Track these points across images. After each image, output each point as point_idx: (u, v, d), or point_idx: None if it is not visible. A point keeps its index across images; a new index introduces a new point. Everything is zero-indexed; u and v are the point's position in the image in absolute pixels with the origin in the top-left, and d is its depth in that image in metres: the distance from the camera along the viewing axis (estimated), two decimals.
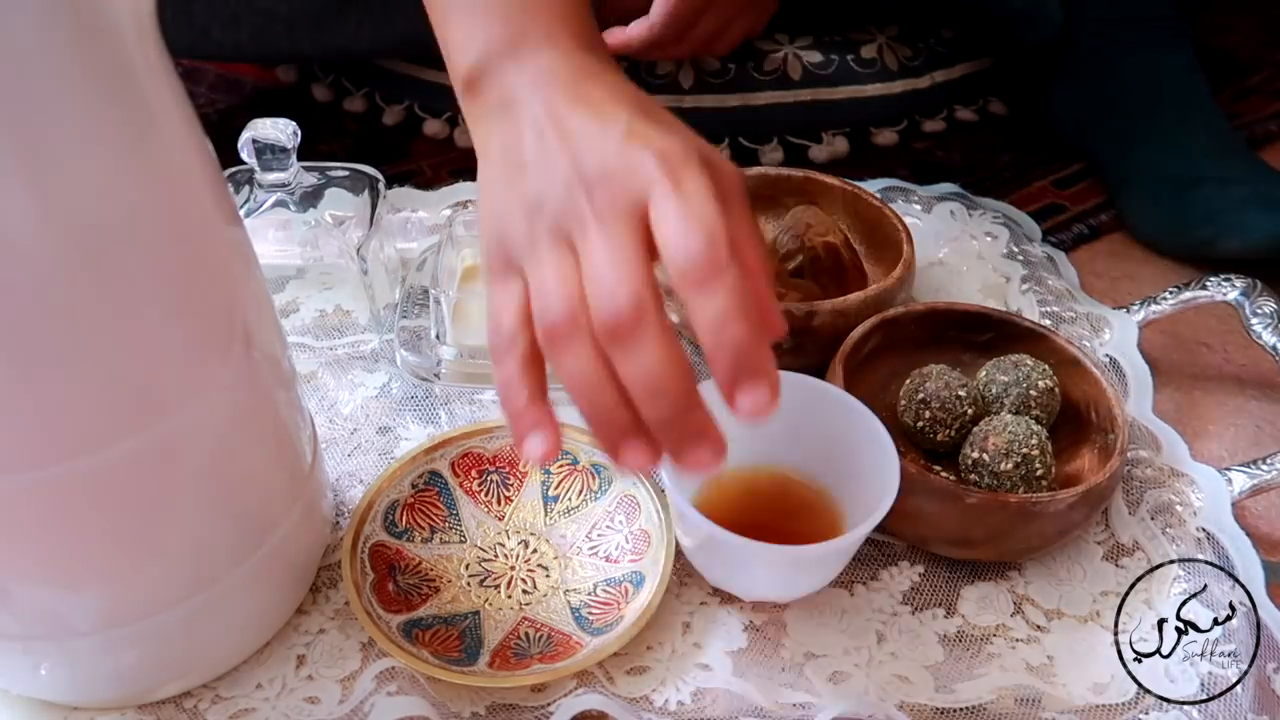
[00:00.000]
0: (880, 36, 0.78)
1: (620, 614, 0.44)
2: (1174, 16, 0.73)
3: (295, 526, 0.42)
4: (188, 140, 0.34)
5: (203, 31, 0.68)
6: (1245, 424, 0.58)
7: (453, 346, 0.55)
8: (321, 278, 0.62)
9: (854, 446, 0.46)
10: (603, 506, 0.49)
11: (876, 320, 0.53)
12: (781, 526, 0.47)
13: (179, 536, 0.37)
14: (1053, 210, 0.73)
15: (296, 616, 0.45)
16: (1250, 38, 0.95)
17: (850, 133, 0.78)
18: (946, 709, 0.43)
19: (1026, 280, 0.63)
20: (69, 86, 0.28)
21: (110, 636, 0.38)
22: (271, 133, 0.54)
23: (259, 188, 0.56)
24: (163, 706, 0.42)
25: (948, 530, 0.46)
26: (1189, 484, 0.51)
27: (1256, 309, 0.56)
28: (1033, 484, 0.47)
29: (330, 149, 0.77)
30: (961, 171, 0.76)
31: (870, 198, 0.61)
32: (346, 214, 0.57)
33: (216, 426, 0.36)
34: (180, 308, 0.34)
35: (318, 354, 0.59)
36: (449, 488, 0.50)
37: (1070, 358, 0.52)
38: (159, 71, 0.32)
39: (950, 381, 0.50)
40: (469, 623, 0.45)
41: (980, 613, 0.46)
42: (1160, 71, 0.72)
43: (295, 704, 0.42)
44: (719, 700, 0.43)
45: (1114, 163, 0.73)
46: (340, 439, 0.54)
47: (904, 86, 0.78)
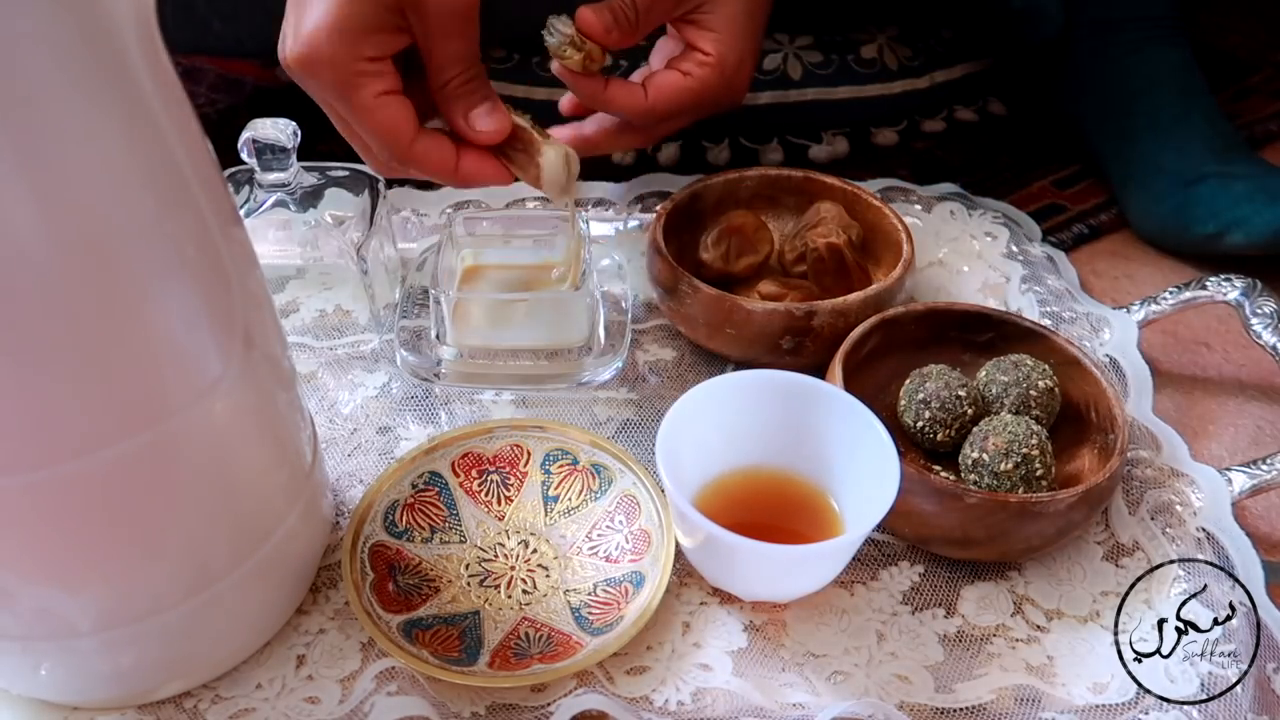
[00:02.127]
0: (880, 36, 0.78)
1: (620, 614, 0.44)
2: (1173, 16, 0.73)
3: (295, 526, 0.42)
4: (188, 140, 0.34)
5: (204, 26, 0.68)
6: (1245, 424, 0.58)
7: (453, 346, 0.55)
8: (321, 278, 0.62)
9: (854, 446, 0.46)
10: (603, 506, 0.49)
11: (876, 320, 0.53)
12: (781, 526, 0.47)
13: (179, 536, 0.37)
14: (1053, 210, 0.73)
15: (296, 616, 0.45)
16: (1250, 38, 0.95)
17: (850, 133, 0.78)
18: (946, 709, 0.43)
19: (1026, 280, 0.63)
20: (69, 86, 0.28)
21: (110, 637, 0.38)
22: (271, 133, 0.54)
23: (259, 188, 0.56)
24: (163, 706, 0.42)
25: (948, 530, 0.46)
26: (1189, 484, 0.51)
27: (1256, 309, 0.56)
28: (1033, 484, 0.47)
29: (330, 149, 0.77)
30: (961, 171, 0.76)
31: (870, 198, 0.61)
32: (346, 214, 0.57)
33: (216, 426, 0.36)
34: (180, 308, 0.34)
35: (318, 354, 0.59)
36: (449, 488, 0.50)
37: (1070, 358, 0.52)
38: (159, 71, 0.32)
39: (950, 381, 0.50)
40: (469, 623, 0.45)
41: (980, 613, 0.46)
42: (1160, 70, 0.72)
43: (295, 704, 0.42)
44: (719, 700, 0.43)
45: (1116, 161, 0.73)
46: (340, 439, 0.54)
47: (904, 86, 0.78)
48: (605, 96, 0.55)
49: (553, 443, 0.51)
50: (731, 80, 0.55)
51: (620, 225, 0.66)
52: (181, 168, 0.33)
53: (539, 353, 0.55)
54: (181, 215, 0.33)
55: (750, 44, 0.56)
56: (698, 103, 0.55)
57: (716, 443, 0.48)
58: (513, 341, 0.55)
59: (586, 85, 0.54)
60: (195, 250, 0.34)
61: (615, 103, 0.55)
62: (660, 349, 0.59)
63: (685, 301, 0.55)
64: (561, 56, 0.53)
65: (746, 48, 0.56)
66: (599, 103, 0.55)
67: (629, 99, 0.55)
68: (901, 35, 0.79)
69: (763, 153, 0.76)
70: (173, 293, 0.33)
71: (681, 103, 0.55)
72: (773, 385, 0.47)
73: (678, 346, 0.59)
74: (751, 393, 0.47)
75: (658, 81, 0.55)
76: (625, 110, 0.55)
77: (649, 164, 0.75)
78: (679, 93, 0.55)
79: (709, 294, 0.54)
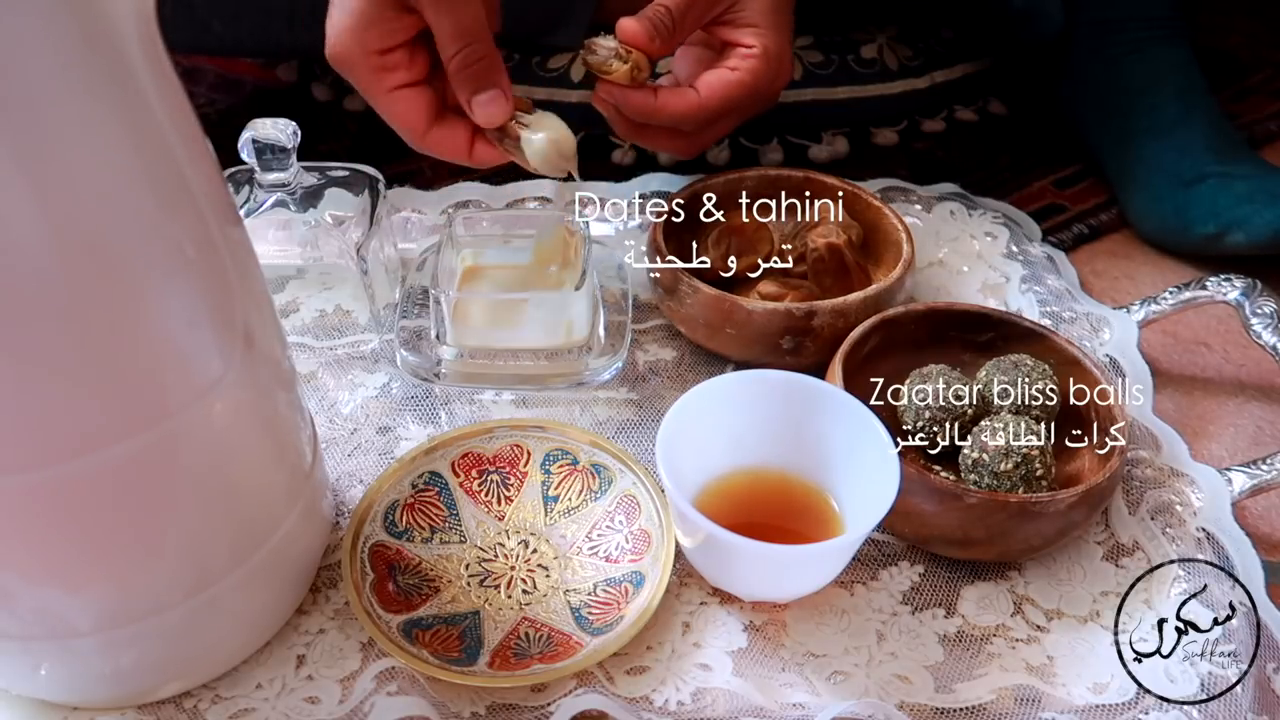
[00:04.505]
0: (880, 36, 0.78)
1: (620, 614, 0.44)
2: (1173, 16, 0.73)
3: (295, 526, 0.42)
4: (188, 140, 0.34)
5: (204, 26, 0.69)
6: (1245, 424, 0.58)
7: (453, 346, 0.55)
8: (321, 278, 0.62)
9: (854, 446, 0.46)
10: (603, 506, 0.49)
11: (876, 320, 0.53)
12: (781, 526, 0.47)
13: (179, 536, 0.37)
14: (1053, 210, 0.73)
15: (296, 616, 0.45)
16: (1250, 38, 0.95)
17: (850, 133, 0.78)
18: (946, 709, 0.43)
19: (1026, 280, 0.63)
20: (69, 86, 0.28)
21: (110, 637, 0.38)
22: (271, 133, 0.54)
23: (259, 188, 0.56)
24: (163, 706, 0.42)
25: (948, 530, 0.46)
26: (1189, 484, 0.51)
27: (1256, 309, 0.56)
28: (1033, 484, 0.47)
29: (330, 149, 0.77)
30: (961, 171, 0.76)
31: (870, 198, 0.61)
32: (346, 214, 0.57)
33: (216, 426, 0.36)
34: (180, 308, 0.34)
35: (318, 354, 0.59)
36: (449, 488, 0.50)
37: (1070, 358, 0.52)
38: (159, 71, 0.32)
39: (950, 381, 0.50)
40: (469, 623, 0.45)
41: (980, 613, 0.46)
42: (1160, 70, 0.72)
43: (295, 704, 0.42)
44: (719, 700, 0.43)
45: (1116, 161, 0.73)
46: (340, 439, 0.54)
47: (904, 86, 0.78)
48: (658, 105, 0.54)
49: (553, 443, 0.51)
50: (776, 69, 0.56)
51: (620, 225, 0.66)
52: (181, 168, 0.33)
53: (539, 353, 0.55)
54: (181, 215, 0.33)
55: (787, 35, 0.56)
56: (748, 95, 0.55)
57: (716, 443, 0.48)
58: (513, 341, 0.55)
59: (638, 98, 0.54)
60: (195, 250, 0.34)
61: (668, 108, 0.54)
62: (660, 349, 0.59)
63: (685, 301, 0.55)
64: (607, 71, 0.53)
65: (784, 38, 0.56)
66: (651, 112, 0.54)
67: (682, 102, 0.54)
68: (901, 35, 0.79)
69: (763, 153, 0.76)
70: (173, 293, 0.33)
71: (733, 98, 0.55)
72: (773, 385, 0.47)
73: (678, 346, 0.59)
74: (751, 393, 0.47)
75: (708, 80, 0.55)
76: (680, 114, 0.55)
77: (649, 164, 0.75)
78: (730, 87, 0.55)
79: (709, 294, 0.54)
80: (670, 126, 0.56)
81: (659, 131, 0.57)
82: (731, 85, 0.55)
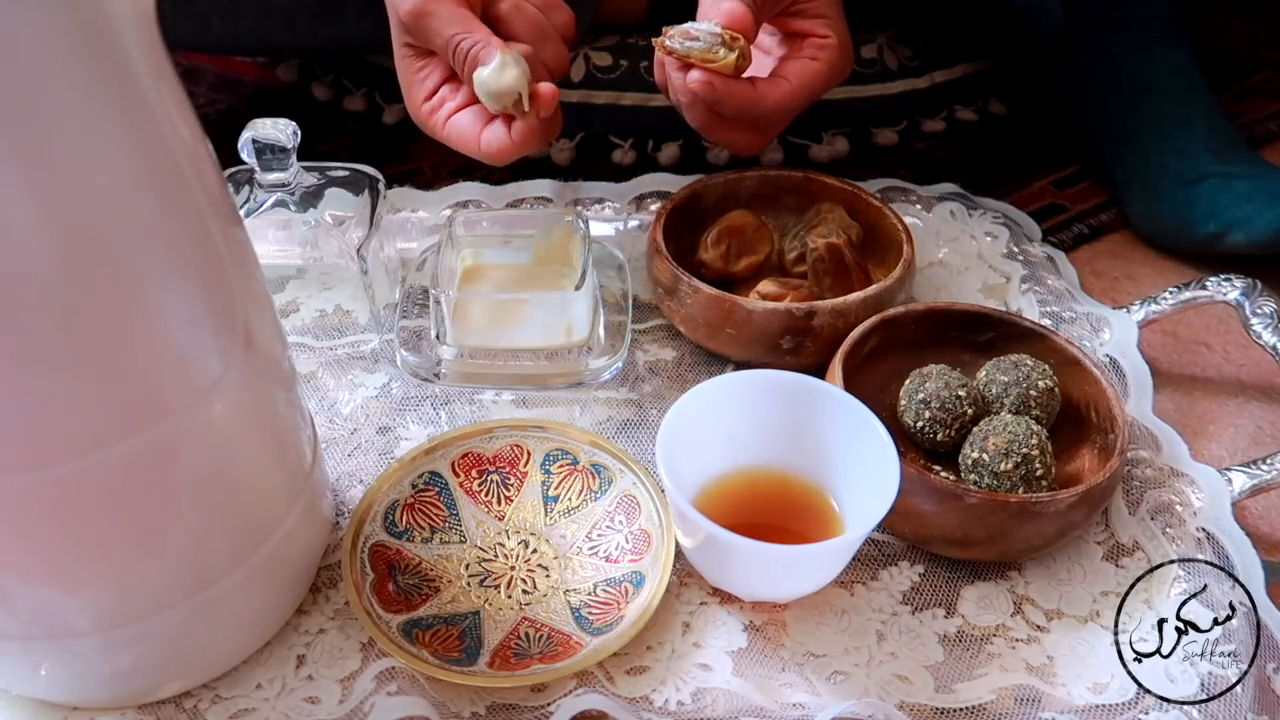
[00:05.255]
0: (880, 36, 0.78)
1: (620, 614, 0.44)
2: (1173, 16, 0.73)
3: (295, 526, 0.42)
4: (188, 140, 0.34)
5: (203, 23, 0.69)
6: (1245, 424, 0.58)
7: (453, 346, 0.55)
8: (321, 278, 0.62)
9: (854, 446, 0.46)
10: (603, 506, 0.49)
11: (876, 320, 0.53)
12: (781, 526, 0.47)
13: (179, 536, 0.37)
14: (1053, 210, 0.73)
15: (296, 616, 0.45)
16: (1250, 38, 0.95)
17: (850, 133, 0.78)
18: (946, 709, 0.43)
19: (1026, 280, 0.63)
20: (68, 85, 0.28)
21: (110, 637, 0.38)
22: (271, 133, 0.54)
23: (259, 188, 0.56)
24: (163, 706, 0.42)
25: (948, 530, 0.46)
26: (1189, 484, 0.51)
27: (1256, 309, 0.56)
28: (1033, 484, 0.47)
29: (330, 149, 0.77)
30: (961, 171, 0.76)
31: (870, 198, 0.61)
32: (346, 214, 0.57)
33: (216, 426, 0.36)
34: (180, 308, 0.34)
35: (318, 354, 0.59)
36: (449, 488, 0.50)
37: (1070, 358, 0.52)
38: (159, 71, 0.32)
39: (950, 381, 0.50)
40: (469, 623, 0.45)
41: (980, 613, 0.46)
42: (1161, 70, 0.72)
43: (295, 704, 0.42)
44: (719, 700, 0.43)
45: (1116, 161, 0.73)
46: (340, 439, 0.54)
47: (904, 86, 0.78)
48: (757, 95, 0.52)
49: (553, 443, 0.51)
50: (847, 60, 0.56)
51: (620, 225, 0.66)
52: (181, 167, 0.33)
53: (539, 353, 0.55)
54: (182, 215, 0.33)
55: (846, 23, 0.56)
56: (827, 83, 0.55)
57: (716, 443, 0.48)
58: (513, 341, 0.55)
59: (740, 90, 0.51)
60: (195, 250, 0.34)
61: (769, 99, 0.52)
62: (660, 349, 0.59)
63: (685, 301, 0.55)
64: (714, 60, 0.50)
65: (846, 26, 0.56)
66: (751, 103, 0.52)
67: (778, 92, 0.53)
68: (901, 35, 0.79)
69: (763, 153, 0.76)
70: (173, 293, 0.33)
71: (816, 86, 0.54)
72: (773, 385, 0.47)
73: (678, 346, 0.59)
74: (751, 393, 0.47)
75: (794, 70, 0.54)
76: (778, 104, 0.53)
77: (649, 164, 0.75)
78: (814, 76, 0.54)
79: (709, 294, 0.54)
80: (752, 119, 0.54)
81: (739, 125, 0.54)
82: (815, 75, 0.54)
